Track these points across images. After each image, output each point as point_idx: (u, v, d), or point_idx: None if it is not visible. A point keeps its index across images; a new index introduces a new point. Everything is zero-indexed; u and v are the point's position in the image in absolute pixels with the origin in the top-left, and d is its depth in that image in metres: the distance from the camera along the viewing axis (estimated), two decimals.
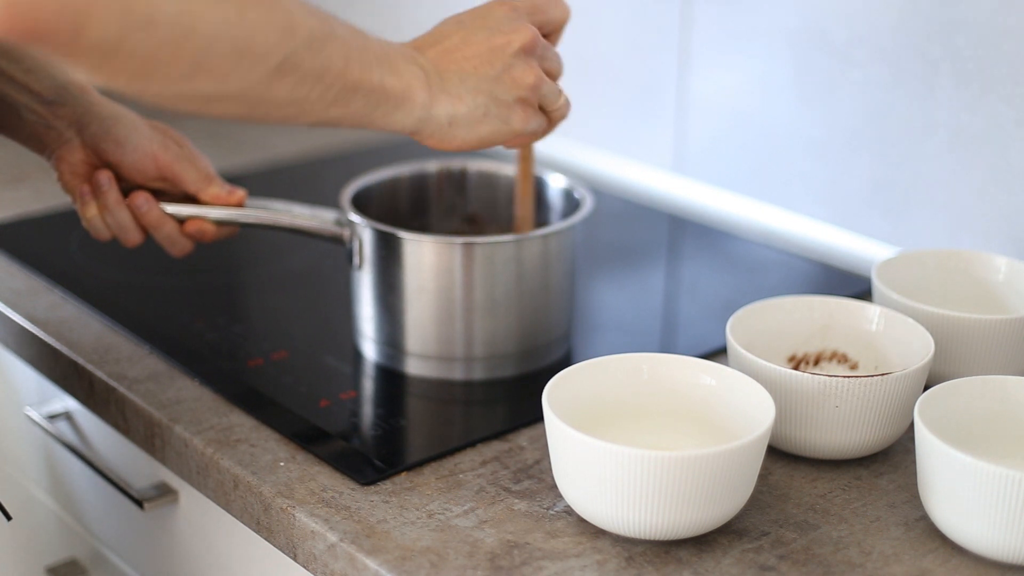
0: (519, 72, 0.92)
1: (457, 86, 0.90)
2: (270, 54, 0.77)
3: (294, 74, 0.79)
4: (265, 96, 0.80)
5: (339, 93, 0.83)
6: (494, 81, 0.91)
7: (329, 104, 0.83)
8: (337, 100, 0.83)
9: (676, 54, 1.41)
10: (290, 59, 0.79)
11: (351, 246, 1.06)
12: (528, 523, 0.86)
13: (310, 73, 0.80)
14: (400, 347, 1.06)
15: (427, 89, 0.88)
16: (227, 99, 0.79)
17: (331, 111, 0.84)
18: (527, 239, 1.04)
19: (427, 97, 0.88)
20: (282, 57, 0.78)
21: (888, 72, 1.23)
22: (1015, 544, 0.80)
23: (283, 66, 0.78)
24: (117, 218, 1.03)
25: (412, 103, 0.88)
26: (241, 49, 0.76)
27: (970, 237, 1.21)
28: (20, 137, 1.05)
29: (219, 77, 0.76)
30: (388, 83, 0.86)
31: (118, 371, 1.06)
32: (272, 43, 0.77)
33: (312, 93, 0.81)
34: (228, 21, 0.75)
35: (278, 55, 0.78)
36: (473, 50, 0.91)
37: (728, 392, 0.90)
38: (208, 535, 1.03)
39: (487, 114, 0.91)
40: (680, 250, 1.39)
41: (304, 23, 0.80)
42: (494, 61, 0.91)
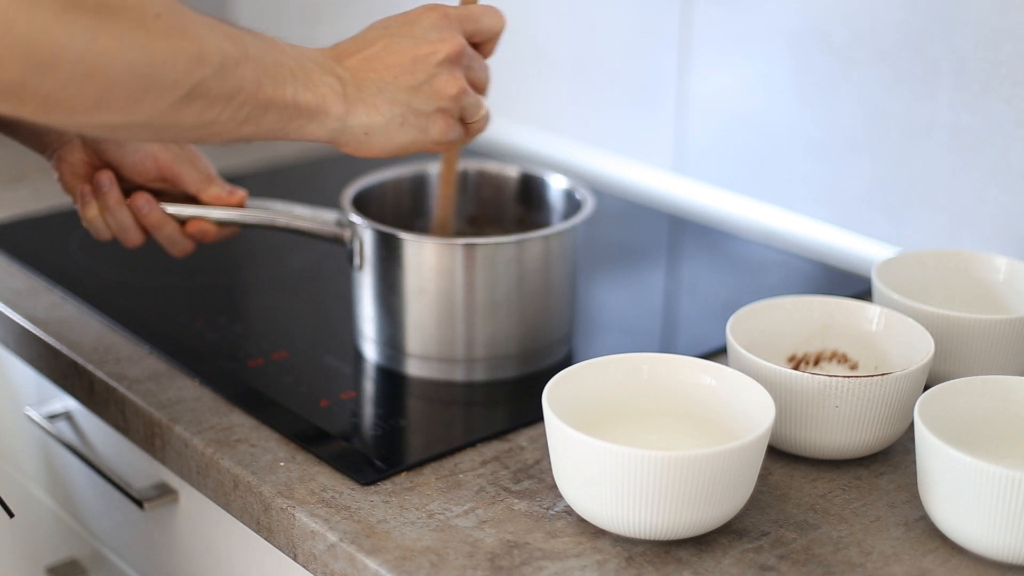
0: (441, 83, 0.92)
1: (374, 96, 0.90)
2: (177, 85, 0.77)
3: (203, 100, 0.79)
4: (172, 122, 0.80)
5: (250, 112, 0.83)
6: (414, 91, 0.91)
7: (240, 123, 0.83)
8: (248, 119, 0.83)
9: (676, 54, 1.41)
10: (199, 87, 0.79)
11: (351, 247, 1.06)
12: (528, 523, 0.86)
13: (219, 97, 0.81)
14: (401, 348, 1.06)
15: (343, 100, 0.88)
16: (134, 127, 0.79)
17: (242, 129, 0.84)
18: (528, 240, 1.04)
19: (342, 109, 0.88)
20: (190, 87, 0.78)
21: (888, 72, 1.23)
22: (1015, 544, 0.80)
23: (191, 94, 0.79)
24: (118, 219, 1.03)
25: (326, 115, 0.88)
26: (147, 84, 0.76)
27: (970, 237, 1.21)
28: (20, 136, 1.05)
29: (124, 109, 0.76)
30: (301, 98, 0.86)
31: (118, 371, 1.06)
32: (180, 74, 0.77)
33: (222, 115, 0.82)
34: (133, 59, 0.75)
35: (186, 85, 0.78)
36: (395, 59, 0.91)
37: (728, 392, 0.90)
38: (208, 535, 1.03)
39: (404, 123, 0.91)
40: (680, 250, 1.39)
41: (216, 50, 0.80)
42: (416, 71, 0.91)
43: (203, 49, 0.79)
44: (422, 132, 0.92)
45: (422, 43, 0.92)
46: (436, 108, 0.92)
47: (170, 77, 0.77)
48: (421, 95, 0.91)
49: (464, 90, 0.93)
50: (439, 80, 0.92)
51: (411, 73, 0.91)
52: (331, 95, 0.88)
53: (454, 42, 0.93)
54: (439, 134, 0.93)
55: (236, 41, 0.82)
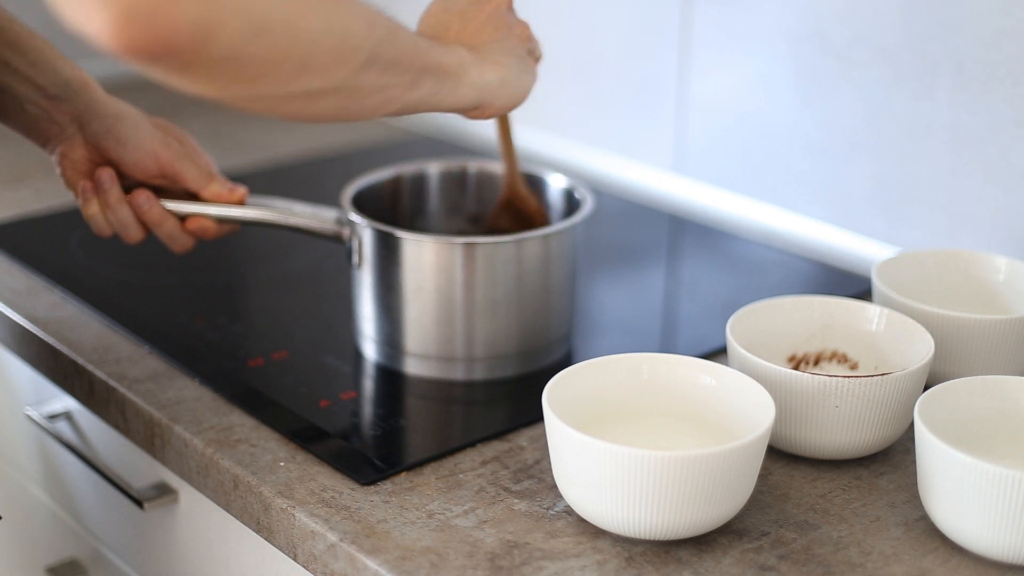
0: (518, 27, 0.98)
1: (493, 54, 0.95)
2: (361, 47, 0.81)
3: (378, 64, 0.83)
4: (359, 86, 0.83)
5: (414, 76, 0.87)
6: (510, 41, 0.96)
7: (407, 88, 0.87)
8: (413, 83, 0.87)
9: (676, 54, 1.41)
10: (375, 50, 0.82)
11: (351, 245, 1.06)
12: (528, 523, 0.86)
13: (390, 63, 0.84)
14: (400, 347, 1.06)
15: (475, 61, 0.93)
16: (328, 93, 0.82)
17: (409, 95, 0.87)
18: (527, 239, 1.04)
19: (478, 68, 0.93)
20: (369, 51, 0.82)
21: (888, 72, 1.23)
22: (1015, 544, 0.80)
23: (370, 58, 0.82)
24: (118, 215, 1.03)
25: (468, 76, 0.92)
26: (339, 44, 0.79)
27: (970, 237, 1.21)
28: (22, 128, 1.05)
29: (323, 73, 0.79)
30: (446, 61, 0.90)
31: (118, 371, 1.06)
32: (362, 36, 0.81)
33: (393, 79, 0.85)
34: (329, 20, 0.78)
35: (367, 47, 0.82)
36: (477, 24, 0.96)
37: (728, 392, 0.90)
38: (208, 535, 1.03)
39: (521, 71, 0.96)
40: (680, 250, 1.39)
41: (377, 18, 0.84)
42: (499, 26, 0.96)
43: (372, 17, 0.83)
44: (531, 74, 0.98)
45: (481, 4, 0.97)
46: (527, 50, 0.98)
47: (355, 38, 0.81)
48: (516, 43, 0.97)
49: (528, 26, 0.99)
50: (516, 27, 0.98)
51: (496, 29, 0.96)
52: (466, 57, 0.92)
53: None
54: (535, 72, 0.99)
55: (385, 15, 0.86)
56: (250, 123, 1.70)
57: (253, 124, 1.70)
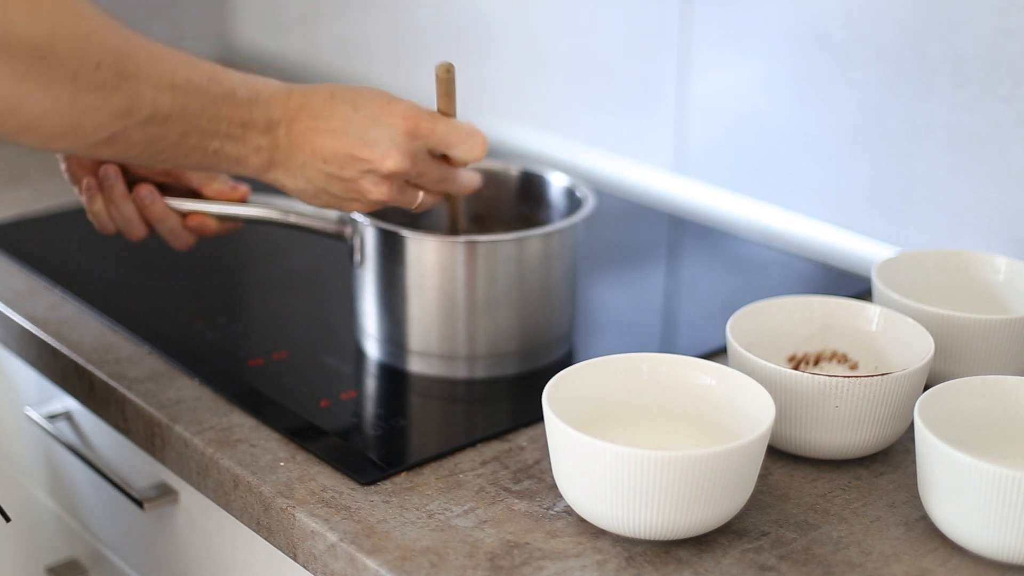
0: (363, 188, 0.95)
1: (296, 168, 0.94)
2: (98, 131, 0.81)
3: (122, 143, 0.84)
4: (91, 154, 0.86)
5: (171, 155, 0.88)
6: (334, 180, 0.95)
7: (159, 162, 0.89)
8: (167, 160, 0.89)
9: (676, 54, 1.41)
10: (120, 134, 0.83)
11: (352, 243, 1.06)
12: (528, 523, 0.86)
13: (139, 143, 0.85)
14: (402, 345, 1.06)
15: (266, 161, 0.93)
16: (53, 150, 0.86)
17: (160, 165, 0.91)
18: (528, 238, 1.04)
19: (262, 166, 0.93)
20: (110, 133, 0.82)
21: (888, 72, 1.23)
22: (1015, 544, 0.80)
23: (112, 139, 0.83)
24: (122, 212, 1.03)
25: (244, 167, 0.93)
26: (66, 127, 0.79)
27: (970, 237, 1.21)
28: None
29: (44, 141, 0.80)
30: (225, 150, 0.90)
31: (118, 371, 1.06)
32: (101, 124, 0.81)
33: (141, 155, 0.86)
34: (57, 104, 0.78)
35: (106, 132, 0.82)
36: (335, 147, 0.93)
37: (728, 392, 0.90)
38: (208, 535, 1.03)
39: (316, 197, 0.96)
40: (680, 250, 1.39)
41: (148, 103, 0.83)
42: (345, 168, 0.94)
43: (133, 103, 0.82)
44: (335, 206, 0.97)
45: (368, 148, 0.93)
46: (351, 199, 0.96)
47: (91, 125, 0.80)
48: (340, 185, 0.95)
49: (389, 199, 0.96)
50: (361, 185, 0.95)
51: (340, 166, 0.94)
52: (254, 155, 0.92)
53: (394, 162, 0.94)
54: (354, 210, 0.98)
55: (178, 94, 0.85)
56: None
57: None
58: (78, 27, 0.78)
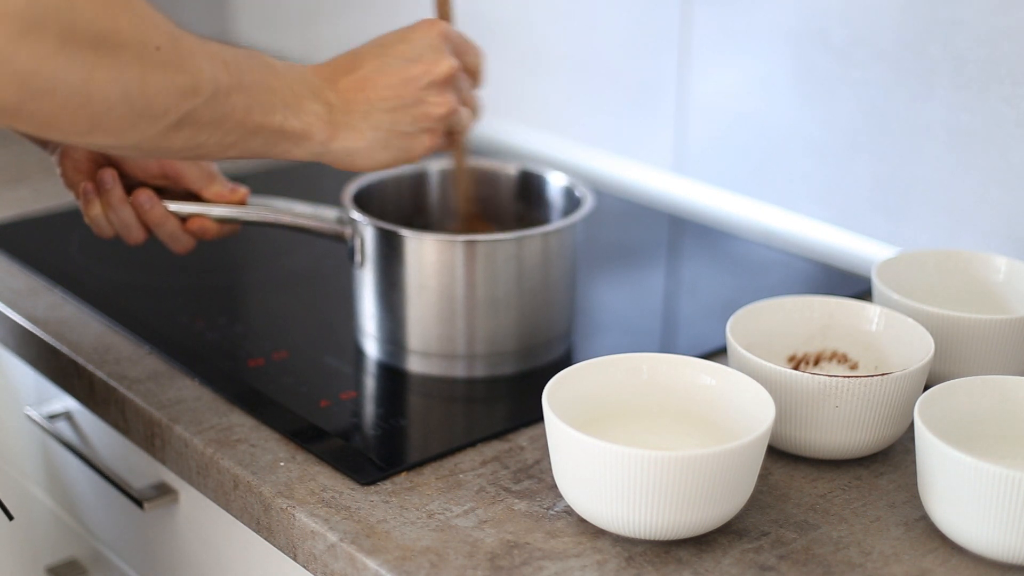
0: (430, 105, 0.94)
1: (360, 120, 0.92)
2: (168, 113, 0.80)
3: (193, 126, 0.82)
4: (162, 145, 0.83)
5: (238, 137, 0.86)
6: (400, 112, 0.93)
7: (227, 147, 0.87)
8: (236, 143, 0.87)
9: (676, 54, 1.41)
10: (189, 116, 0.81)
11: (353, 244, 1.06)
12: (528, 523, 0.86)
13: (209, 124, 0.83)
14: (402, 344, 1.06)
15: (328, 127, 0.91)
16: (124, 148, 0.82)
17: (229, 152, 0.87)
18: (528, 237, 1.04)
19: (327, 134, 0.91)
20: (181, 115, 0.81)
21: (888, 72, 1.23)
22: (1015, 544, 0.80)
23: (182, 121, 0.81)
24: (120, 216, 1.03)
25: (310, 141, 0.91)
26: (139, 112, 0.79)
27: (970, 237, 1.21)
28: None
29: (116, 134, 0.79)
30: (289, 125, 0.89)
31: (118, 371, 1.06)
32: (172, 104, 0.80)
33: (210, 140, 0.85)
34: (127, 90, 0.77)
35: (177, 114, 0.81)
36: (386, 80, 0.93)
37: (728, 392, 0.90)
38: (208, 535, 1.03)
39: (387, 146, 0.94)
40: (680, 250, 1.39)
41: (210, 79, 0.82)
42: (405, 93, 0.93)
43: (197, 80, 0.81)
44: (405, 152, 0.95)
45: (415, 63, 0.93)
46: (421, 128, 0.94)
47: (162, 106, 0.80)
48: (408, 117, 0.93)
49: (453, 110, 0.95)
50: (428, 102, 0.94)
51: (399, 96, 0.93)
52: (317, 123, 0.90)
53: (447, 63, 0.94)
54: (422, 151, 0.96)
55: (232, 69, 0.84)
56: None
57: None
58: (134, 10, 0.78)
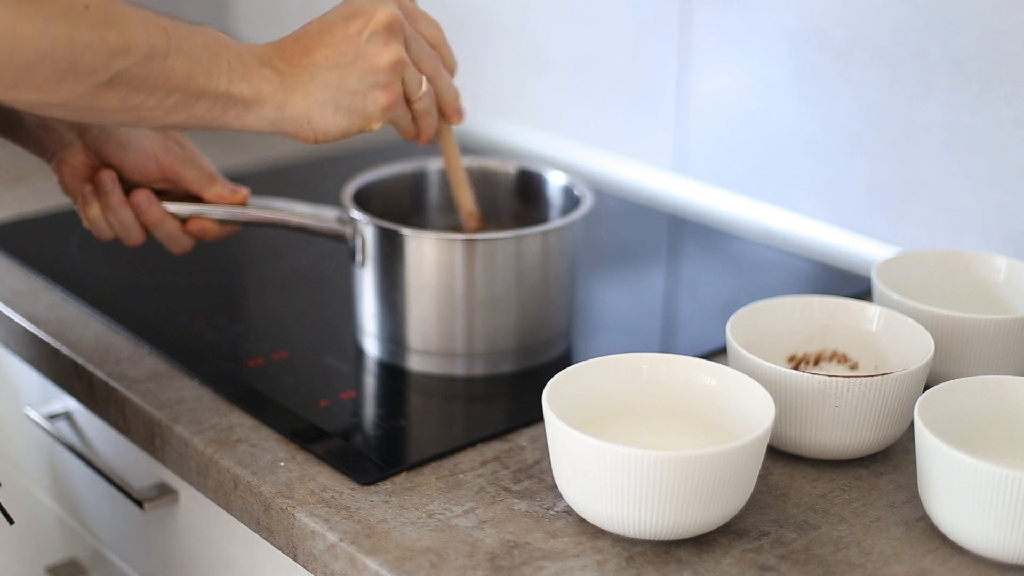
0: (372, 54, 0.91)
1: (307, 84, 0.90)
2: (97, 71, 0.79)
3: (126, 87, 0.81)
4: (94, 105, 0.81)
5: (179, 100, 0.85)
6: (345, 69, 0.91)
7: (169, 110, 0.85)
8: (177, 107, 0.85)
9: (676, 54, 1.41)
10: (121, 75, 0.80)
11: (353, 243, 1.06)
12: (528, 523, 0.87)
13: (144, 86, 0.82)
14: (402, 343, 1.06)
15: (281, 91, 0.89)
16: (52, 107, 0.81)
17: (172, 116, 0.85)
18: (527, 236, 1.04)
19: (280, 98, 0.89)
20: (112, 74, 0.80)
21: (888, 72, 1.23)
22: (1015, 544, 0.80)
23: (113, 81, 0.80)
24: (120, 218, 1.03)
25: (262, 105, 0.89)
26: (65, 69, 0.78)
27: (970, 237, 1.21)
28: (20, 139, 1.05)
29: (42, 90, 0.78)
30: (235, 89, 0.87)
31: (118, 371, 1.06)
32: (101, 63, 0.79)
33: (147, 102, 0.83)
34: (53, 45, 0.76)
35: (107, 72, 0.79)
36: (327, 39, 0.91)
37: (728, 392, 0.90)
38: (208, 535, 1.03)
39: (338, 107, 0.91)
40: (680, 250, 1.39)
41: (143, 42, 0.81)
42: (347, 49, 0.91)
43: (128, 40, 0.80)
44: (359, 113, 0.92)
45: (354, 18, 0.91)
46: (371, 84, 0.92)
47: (90, 64, 0.78)
48: (354, 72, 0.91)
49: (401, 60, 0.92)
50: (370, 51, 0.91)
51: (342, 52, 0.91)
52: (267, 86, 0.89)
53: (386, 11, 0.92)
54: (379, 111, 0.93)
55: (172, 35, 0.83)
56: None
57: None
58: None
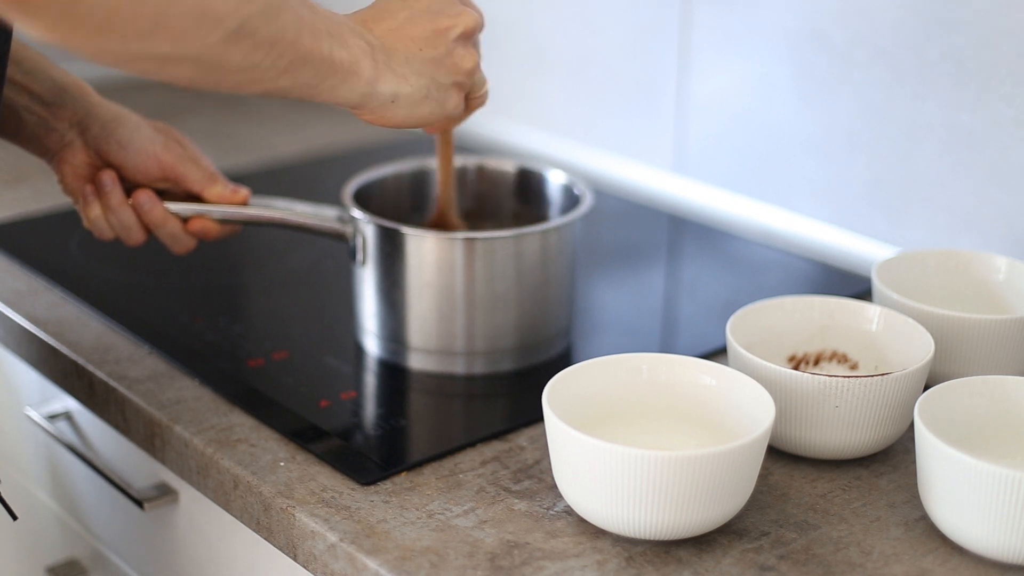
0: (459, 57, 0.93)
1: (403, 66, 0.91)
2: (228, 17, 0.77)
3: (249, 39, 0.79)
4: (220, 60, 0.79)
5: (290, 62, 0.83)
6: (436, 64, 0.92)
7: (280, 73, 0.83)
8: (288, 69, 0.83)
9: (676, 54, 1.41)
10: (246, 24, 0.79)
11: (354, 243, 1.06)
12: (528, 523, 0.87)
13: (264, 40, 0.80)
14: (402, 341, 1.06)
15: (374, 65, 0.89)
16: (182, 61, 0.78)
17: (281, 80, 0.84)
18: (526, 235, 1.04)
19: (373, 73, 0.89)
20: (239, 22, 0.78)
21: (888, 72, 1.24)
22: (1015, 544, 0.80)
23: (239, 31, 0.78)
24: (120, 218, 1.03)
25: (358, 77, 0.88)
26: (200, 10, 0.76)
27: (970, 237, 1.21)
28: (20, 139, 1.05)
29: (177, 37, 0.76)
30: (337, 55, 0.86)
31: (118, 371, 1.06)
32: (230, 7, 0.78)
33: (265, 60, 0.82)
34: None
35: (235, 19, 0.78)
36: (418, 31, 0.92)
37: (728, 392, 0.90)
38: (208, 535, 1.03)
39: (427, 96, 0.92)
40: (680, 250, 1.39)
41: None
42: (437, 44, 0.92)
43: None
44: (440, 106, 0.93)
45: (442, 16, 0.93)
46: (453, 82, 0.93)
47: (221, 9, 0.77)
48: (443, 68, 0.92)
49: (478, 64, 0.95)
50: (457, 54, 0.93)
51: (433, 46, 0.92)
52: (364, 58, 0.88)
53: (471, 16, 0.94)
54: (454, 108, 0.94)
55: None
56: (250, 123, 1.70)
57: (253, 124, 1.70)
58: None
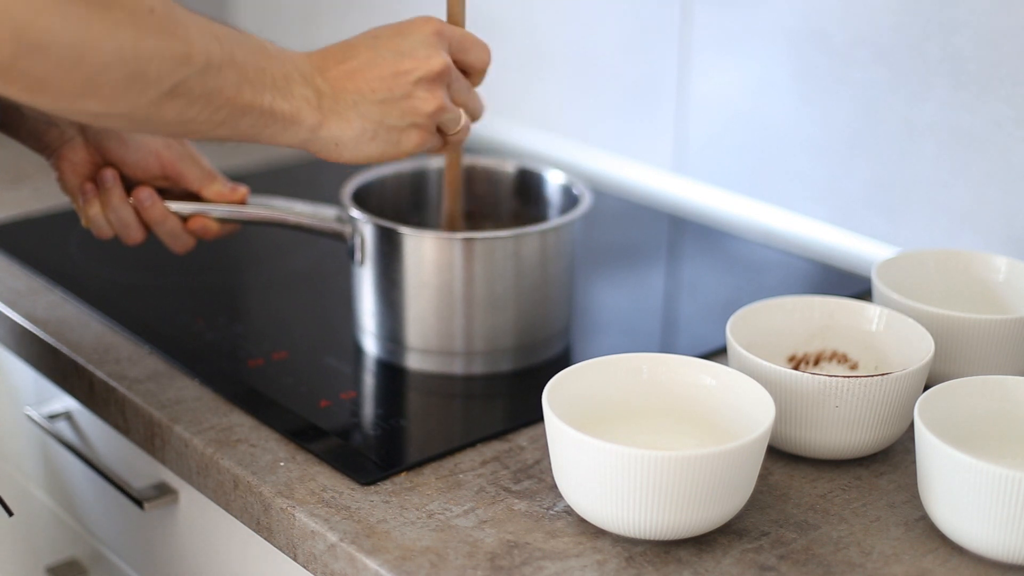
0: (418, 100, 0.93)
1: (348, 109, 0.92)
2: (162, 80, 0.80)
3: (184, 98, 0.82)
4: (153, 116, 0.82)
5: (228, 115, 0.85)
6: (388, 105, 0.92)
7: (217, 125, 0.85)
8: (225, 121, 0.86)
9: (676, 54, 1.41)
10: (182, 85, 0.81)
11: (353, 242, 1.06)
12: (528, 523, 0.87)
13: (200, 97, 0.83)
14: (401, 342, 1.06)
15: (317, 112, 0.90)
16: (115, 117, 0.81)
17: (219, 131, 0.86)
18: (526, 235, 1.04)
19: (316, 119, 0.90)
20: (174, 83, 0.80)
21: (887, 72, 1.23)
22: (1015, 544, 0.80)
23: (174, 91, 0.81)
24: (120, 215, 1.03)
25: (299, 126, 0.90)
26: (132, 76, 0.78)
27: (970, 237, 1.21)
28: (20, 135, 1.05)
29: (108, 99, 0.78)
30: (278, 107, 0.88)
31: (118, 371, 1.06)
32: (165, 70, 0.79)
33: (201, 115, 0.84)
34: (122, 50, 0.77)
35: (170, 81, 0.80)
36: (376, 72, 0.92)
37: (728, 392, 0.90)
38: (208, 535, 1.03)
39: (374, 137, 0.93)
40: (680, 250, 1.39)
41: (202, 50, 0.82)
42: (394, 87, 0.92)
43: (190, 49, 0.81)
44: (393, 145, 0.94)
45: (406, 58, 0.93)
46: (410, 123, 0.94)
47: (155, 72, 0.79)
48: (396, 110, 0.93)
49: (442, 107, 0.94)
50: (416, 97, 0.93)
51: (388, 88, 0.92)
52: (306, 107, 0.90)
53: (439, 60, 0.93)
54: (412, 147, 0.95)
55: (223, 44, 0.84)
56: None
57: None
58: None
